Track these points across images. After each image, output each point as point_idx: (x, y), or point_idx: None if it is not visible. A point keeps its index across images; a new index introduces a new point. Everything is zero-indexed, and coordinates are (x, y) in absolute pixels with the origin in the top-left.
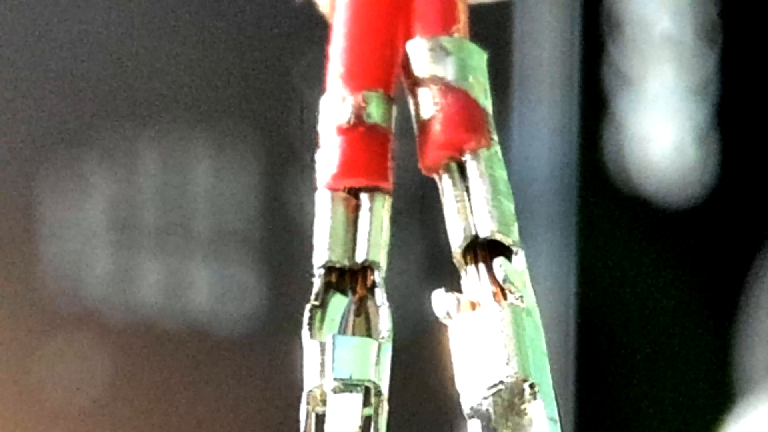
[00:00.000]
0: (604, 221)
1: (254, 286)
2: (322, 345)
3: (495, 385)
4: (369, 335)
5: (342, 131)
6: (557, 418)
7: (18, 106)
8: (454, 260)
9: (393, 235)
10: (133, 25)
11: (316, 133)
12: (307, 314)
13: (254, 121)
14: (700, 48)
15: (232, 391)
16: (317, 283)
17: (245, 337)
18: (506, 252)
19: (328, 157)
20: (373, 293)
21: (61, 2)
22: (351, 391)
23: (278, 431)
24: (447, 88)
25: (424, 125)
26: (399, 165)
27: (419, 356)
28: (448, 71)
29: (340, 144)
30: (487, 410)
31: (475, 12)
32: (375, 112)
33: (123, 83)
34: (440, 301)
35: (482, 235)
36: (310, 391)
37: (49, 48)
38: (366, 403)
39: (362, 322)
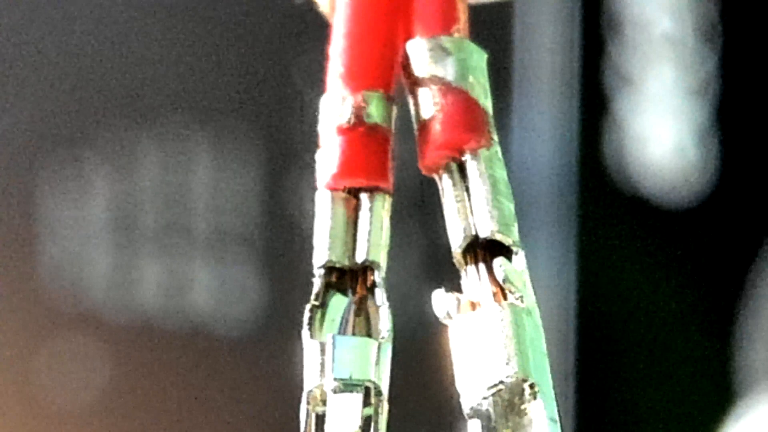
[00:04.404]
0: (604, 221)
1: (254, 286)
2: (322, 345)
3: (495, 385)
4: (369, 335)
5: (342, 131)
6: (557, 418)
7: (18, 106)
8: (454, 260)
9: (393, 235)
10: (133, 25)
11: (316, 133)
12: (307, 314)
13: (254, 121)
14: (700, 48)
15: (232, 391)
16: (317, 283)
17: (245, 338)
18: (506, 252)
19: (328, 157)
20: (373, 293)
21: (62, 2)
22: (351, 391)
23: (278, 431)
24: (447, 88)
25: (424, 125)
26: (399, 165)
27: (419, 356)
28: (448, 71)
29: (340, 144)
30: (487, 410)
31: (475, 12)
32: (375, 112)
33: (123, 83)
34: (440, 301)
35: (482, 235)
36: (310, 391)
37: (49, 48)
38: (366, 403)
39: (362, 322)
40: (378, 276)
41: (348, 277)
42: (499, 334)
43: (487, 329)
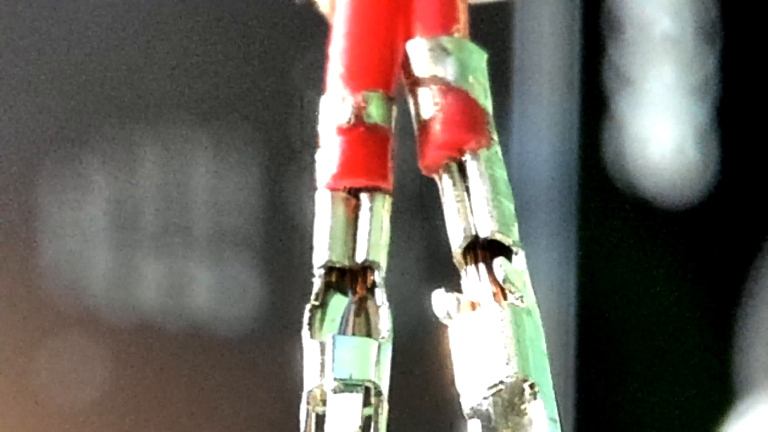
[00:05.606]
0: (604, 221)
1: (254, 286)
2: (322, 345)
3: (495, 385)
4: (369, 335)
5: (342, 131)
6: (557, 418)
7: (18, 105)
8: (454, 260)
9: (393, 235)
10: (133, 25)
11: (316, 133)
12: (307, 314)
13: (254, 121)
14: (700, 48)
15: (232, 391)
16: (317, 283)
17: (245, 338)
18: (506, 252)
19: (328, 157)
20: (373, 293)
21: (62, 2)
22: (351, 391)
23: (278, 431)
24: (447, 88)
25: (424, 125)
26: (399, 165)
27: (419, 356)
28: (448, 71)
29: (340, 144)
30: (487, 410)
31: (475, 12)
32: (375, 112)
33: (123, 83)
34: (440, 301)
35: (482, 235)
36: (310, 391)
37: (49, 48)
38: (366, 403)
39: (362, 322)
40: (378, 276)
41: (348, 277)
42: (499, 334)
43: (487, 329)
